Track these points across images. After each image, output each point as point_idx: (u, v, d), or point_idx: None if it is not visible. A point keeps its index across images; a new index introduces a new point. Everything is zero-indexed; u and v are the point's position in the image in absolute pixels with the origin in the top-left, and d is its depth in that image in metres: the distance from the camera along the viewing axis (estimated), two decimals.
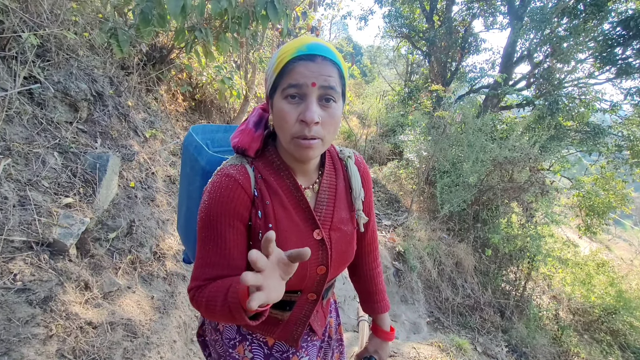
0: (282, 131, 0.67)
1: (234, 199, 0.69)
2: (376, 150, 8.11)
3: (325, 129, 0.66)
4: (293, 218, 0.74)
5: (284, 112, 0.64)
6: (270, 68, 0.69)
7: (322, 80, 0.63)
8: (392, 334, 0.98)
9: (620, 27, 6.43)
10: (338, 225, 0.79)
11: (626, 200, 6.88)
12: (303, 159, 0.69)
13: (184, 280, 2.13)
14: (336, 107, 0.67)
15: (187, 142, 0.97)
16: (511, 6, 7.42)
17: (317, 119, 0.63)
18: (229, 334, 0.87)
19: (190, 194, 0.93)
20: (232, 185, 0.69)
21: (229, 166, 0.72)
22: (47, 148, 1.76)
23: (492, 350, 3.54)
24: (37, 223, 1.49)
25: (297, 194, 0.74)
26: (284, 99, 0.65)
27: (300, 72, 0.63)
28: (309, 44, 0.65)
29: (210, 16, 2.76)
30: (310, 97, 0.63)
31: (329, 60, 0.65)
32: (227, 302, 0.60)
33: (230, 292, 0.61)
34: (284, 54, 0.65)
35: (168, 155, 2.81)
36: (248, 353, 0.85)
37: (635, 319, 5.39)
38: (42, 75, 1.87)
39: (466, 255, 4.75)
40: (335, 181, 0.81)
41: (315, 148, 0.66)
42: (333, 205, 0.79)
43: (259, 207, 0.71)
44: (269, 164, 0.74)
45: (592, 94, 7.36)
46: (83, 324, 1.41)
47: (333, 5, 6.81)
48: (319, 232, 0.75)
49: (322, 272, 0.77)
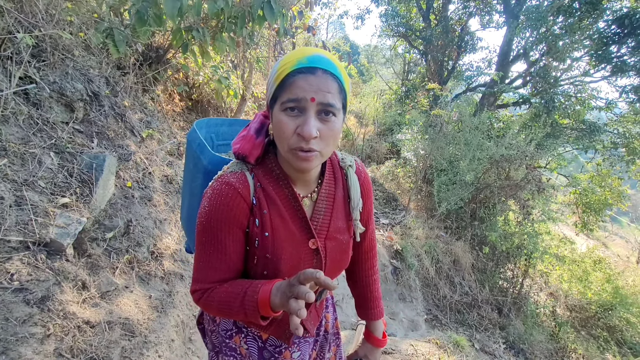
0: (280, 142, 0.67)
1: (234, 208, 0.70)
2: (374, 149, 8.13)
3: (324, 141, 0.66)
4: (289, 227, 0.75)
5: (283, 123, 0.65)
6: (271, 78, 0.69)
7: (321, 96, 0.63)
8: (384, 341, 0.99)
9: (615, 25, 6.47)
10: (334, 235, 0.80)
11: (622, 197, 6.92)
12: (301, 170, 0.70)
13: (181, 280, 2.14)
14: (335, 120, 0.66)
15: (191, 138, 0.97)
16: (507, 5, 7.45)
17: (315, 133, 0.63)
18: (226, 326, 0.89)
19: (193, 191, 0.94)
20: (232, 194, 0.70)
21: (230, 173, 0.73)
22: (43, 148, 1.76)
23: (489, 347, 3.56)
24: (33, 223, 1.49)
25: (295, 204, 0.75)
26: (282, 111, 0.65)
27: (300, 87, 0.63)
28: (309, 56, 0.64)
29: (206, 16, 2.76)
30: (309, 112, 0.63)
31: (330, 73, 0.64)
32: (244, 308, 0.67)
33: (247, 299, 0.67)
34: (284, 65, 0.65)
35: (165, 155, 2.81)
36: (243, 344, 0.88)
37: (631, 315, 5.44)
38: (38, 75, 1.87)
39: (464, 253, 4.77)
40: (334, 190, 0.81)
41: (313, 160, 0.66)
42: (330, 215, 0.80)
43: (257, 215, 0.72)
44: (269, 172, 0.75)
45: (587, 91, 7.40)
46: (81, 323, 1.41)
47: (329, 5, 6.82)
48: (314, 242, 0.77)
49: None
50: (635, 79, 6.72)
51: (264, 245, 0.72)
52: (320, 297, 0.89)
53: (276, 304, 0.63)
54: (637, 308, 5.51)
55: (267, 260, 0.73)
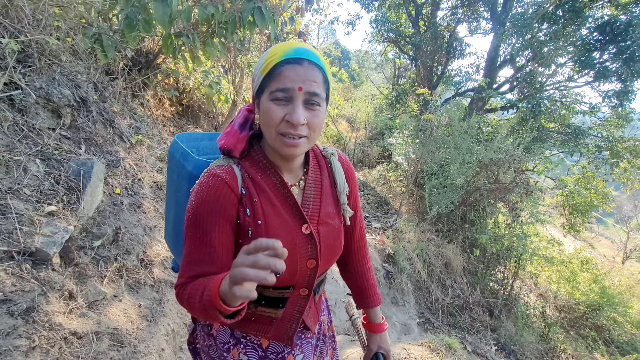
0: (268, 129, 0.70)
1: (221, 197, 0.71)
2: (365, 153, 8.18)
3: (311, 128, 0.70)
4: (281, 214, 0.76)
5: (271, 111, 0.68)
6: (257, 69, 0.72)
7: (308, 85, 0.67)
8: (384, 324, 1.03)
9: (597, 32, 6.68)
10: (325, 220, 0.82)
11: (607, 198, 7.10)
12: (288, 155, 0.72)
13: (172, 288, 2.11)
14: (320, 109, 0.71)
15: (173, 150, 0.98)
16: (494, 12, 7.63)
17: (303, 120, 0.67)
18: (223, 338, 0.87)
19: (178, 200, 0.94)
20: (219, 184, 0.71)
21: (216, 167, 0.74)
22: (28, 155, 1.72)
23: (481, 348, 3.59)
24: (18, 232, 1.46)
25: (284, 191, 0.77)
26: (271, 100, 0.68)
27: (288, 76, 0.66)
28: (296, 48, 0.68)
29: (197, 21, 2.75)
30: (297, 101, 0.67)
31: (315, 64, 0.69)
32: (202, 302, 0.62)
33: (205, 292, 0.62)
34: (272, 57, 0.68)
35: (155, 161, 2.78)
36: (243, 356, 0.86)
37: (618, 314, 5.55)
38: (24, 81, 1.83)
39: (455, 255, 4.82)
40: (321, 177, 0.84)
41: (301, 146, 0.70)
42: (320, 201, 0.82)
43: (247, 205, 0.73)
44: (256, 163, 0.77)
45: (572, 96, 7.61)
46: (67, 335, 1.38)
47: (320, 11, 6.87)
48: (307, 227, 0.78)
49: (313, 266, 0.80)
50: (617, 84, 6.94)
51: (257, 233, 0.73)
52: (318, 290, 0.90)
53: (225, 290, 0.55)
54: (623, 307, 5.64)
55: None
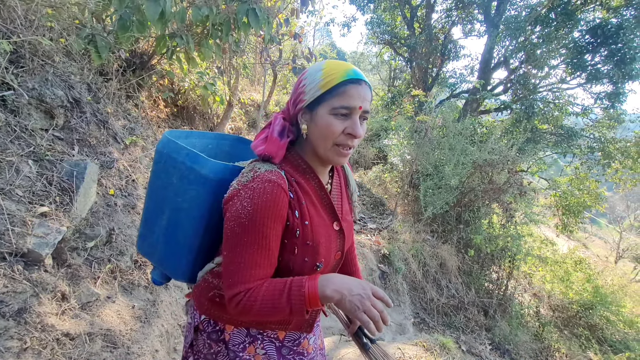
0: (325, 140, 0.78)
1: (279, 203, 0.75)
2: (361, 154, 8.20)
3: (359, 140, 0.80)
4: (320, 214, 0.85)
5: (333, 125, 0.76)
6: (312, 83, 0.77)
7: (366, 104, 0.77)
8: None
9: (589, 35, 6.78)
10: (346, 217, 0.93)
11: (600, 199, 7.19)
12: (339, 163, 0.82)
13: (166, 289, 2.10)
14: (365, 124, 0.81)
15: (170, 149, 0.90)
16: (487, 14, 7.71)
17: (363, 134, 0.78)
18: (238, 339, 0.88)
19: (180, 205, 0.88)
20: (277, 190, 0.75)
21: (266, 172, 0.77)
22: (21, 156, 1.71)
23: (476, 348, 3.61)
24: (10, 233, 1.45)
25: (322, 193, 0.86)
26: (332, 115, 0.76)
27: (352, 95, 0.75)
28: (354, 69, 0.77)
29: (191, 22, 2.75)
30: (356, 117, 0.76)
31: (368, 86, 0.79)
32: (290, 303, 0.72)
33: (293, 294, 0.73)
34: (332, 74, 0.75)
35: (149, 162, 2.77)
36: (260, 350, 0.89)
37: (611, 313, 5.62)
38: (16, 82, 1.82)
39: (450, 256, 4.85)
40: (339, 180, 0.96)
41: (349, 156, 0.81)
42: (341, 200, 0.94)
43: (296, 207, 0.79)
44: (296, 167, 0.83)
45: (565, 98, 7.70)
46: (60, 336, 1.37)
47: (315, 13, 6.90)
48: (337, 224, 0.88)
49: (339, 257, 0.91)
50: (608, 86, 7.04)
51: (304, 233, 0.80)
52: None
53: (326, 294, 0.72)
54: (616, 306, 5.70)
55: (307, 247, 0.80)
